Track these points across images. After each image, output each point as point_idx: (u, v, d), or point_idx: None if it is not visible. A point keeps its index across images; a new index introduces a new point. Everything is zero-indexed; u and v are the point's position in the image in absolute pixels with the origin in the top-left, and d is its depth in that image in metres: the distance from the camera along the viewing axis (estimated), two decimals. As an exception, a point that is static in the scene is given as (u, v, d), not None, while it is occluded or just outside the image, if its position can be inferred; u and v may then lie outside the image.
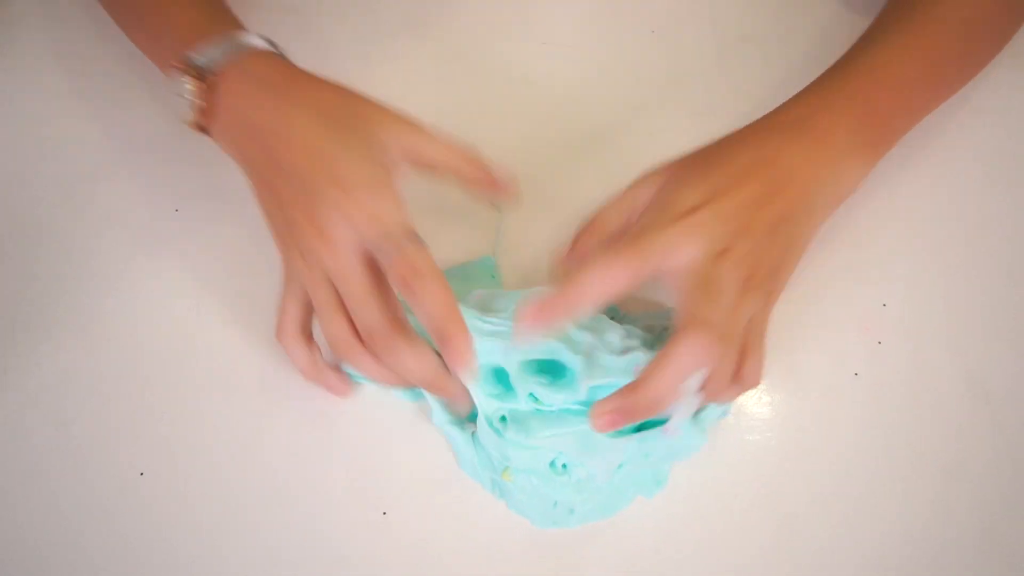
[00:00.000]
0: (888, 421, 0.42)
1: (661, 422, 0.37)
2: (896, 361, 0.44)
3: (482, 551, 0.40)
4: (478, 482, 0.41)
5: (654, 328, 0.42)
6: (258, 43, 0.41)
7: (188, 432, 0.42)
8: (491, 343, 0.38)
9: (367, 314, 0.37)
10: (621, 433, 0.38)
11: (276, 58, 0.41)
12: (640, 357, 0.38)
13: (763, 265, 0.37)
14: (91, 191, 0.49)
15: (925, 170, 0.49)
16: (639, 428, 0.38)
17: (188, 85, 0.40)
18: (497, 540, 0.40)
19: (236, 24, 0.43)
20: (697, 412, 0.39)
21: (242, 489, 0.41)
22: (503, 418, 0.39)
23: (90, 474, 0.42)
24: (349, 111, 0.39)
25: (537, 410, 0.39)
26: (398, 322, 0.37)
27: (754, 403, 0.43)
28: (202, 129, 0.42)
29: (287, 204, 0.38)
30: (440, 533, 0.40)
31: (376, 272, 0.37)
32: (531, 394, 0.38)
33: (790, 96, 0.43)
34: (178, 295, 0.46)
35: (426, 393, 0.40)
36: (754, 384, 0.39)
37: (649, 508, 0.40)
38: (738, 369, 0.38)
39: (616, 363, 0.38)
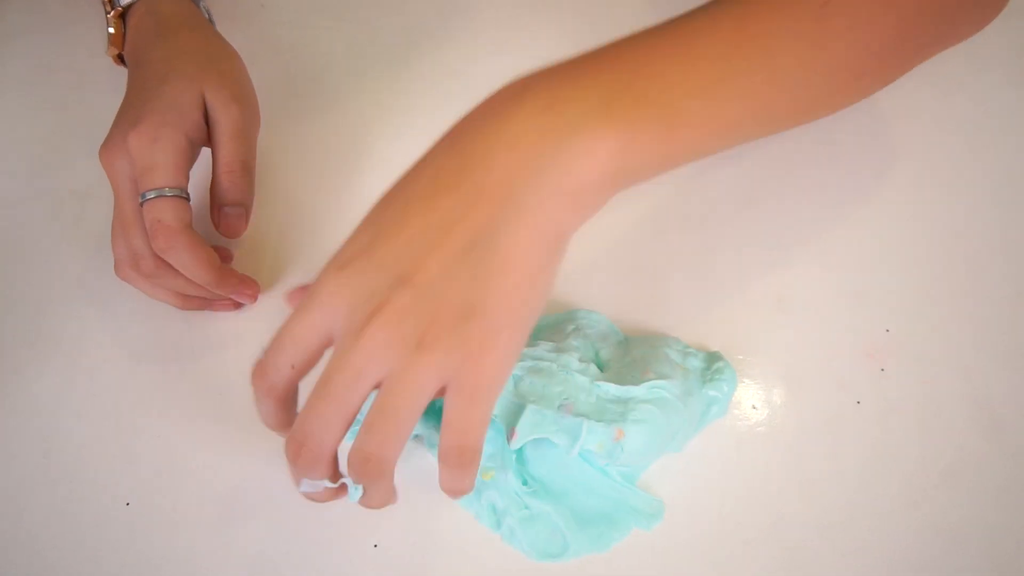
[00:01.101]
0: (892, 450, 0.41)
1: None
2: (900, 388, 0.43)
3: (475, 585, 0.39)
4: (471, 513, 0.40)
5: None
6: None
7: (176, 461, 0.42)
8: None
9: (131, 240, 0.40)
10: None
11: (186, 3, 0.46)
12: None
13: (441, 314, 0.29)
14: (80, 209, 0.49)
15: (928, 194, 0.48)
16: None
17: (107, 14, 0.45)
18: (491, 573, 0.39)
19: None
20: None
21: (231, 519, 0.40)
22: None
23: (77, 503, 0.41)
24: (199, 66, 0.43)
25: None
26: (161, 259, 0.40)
27: (755, 432, 0.42)
28: (119, 59, 0.48)
29: (114, 123, 0.42)
30: (432, 566, 0.39)
31: None
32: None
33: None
34: (168, 318, 0.45)
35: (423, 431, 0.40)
36: (452, 459, 0.31)
37: (646, 541, 0.40)
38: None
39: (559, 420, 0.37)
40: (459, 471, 0.31)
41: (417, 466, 0.41)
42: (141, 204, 0.40)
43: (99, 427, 0.43)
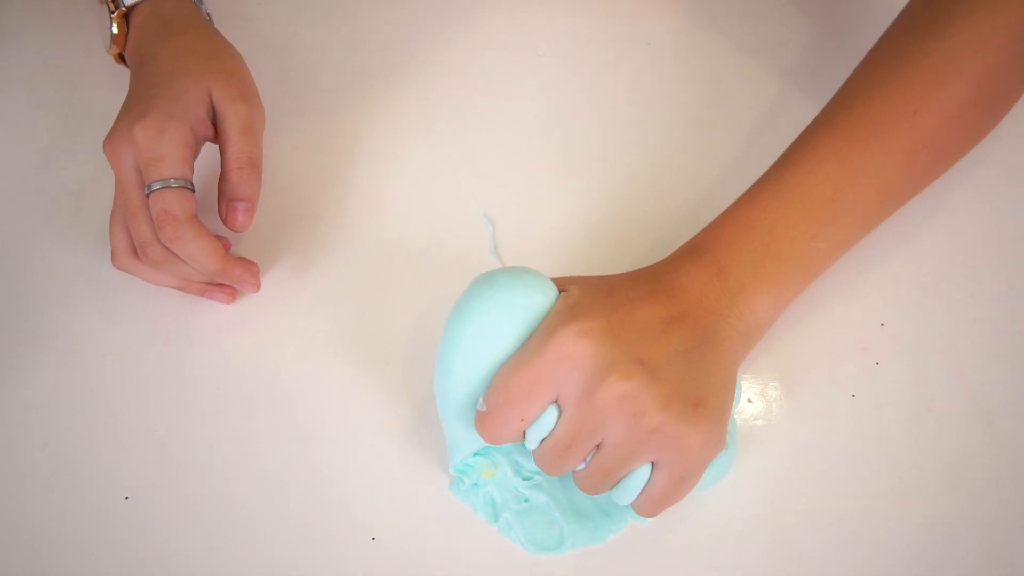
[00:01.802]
0: (887, 442, 0.42)
1: None
2: (894, 381, 0.43)
3: (473, 578, 0.39)
4: (469, 505, 0.40)
5: None
6: None
7: (174, 456, 0.42)
8: None
9: (137, 227, 0.41)
10: None
11: (188, 4, 0.47)
12: None
13: (676, 396, 0.34)
14: (76, 206, 0.49)
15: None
16: None
17: (111, 14, 0.46)
18: (488, 567, 0.39)
19: None
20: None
21: (229, 514, 0.41)
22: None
23: (76, 496, 0.41)
24: (205, 65, 0.44)
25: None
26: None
27: (750, 426, 0.42)
28: (120, 58, 0.48)
29: (119, 116, 0.43)
30: (430, 559, 0.40)
31: None
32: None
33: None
34: (166, 313, 0.45)
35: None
36: (642, 514, 0.36)
37: (642, 533, 0.40)
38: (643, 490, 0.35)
39: None
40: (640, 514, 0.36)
41: (415, 461, 0.41)
42: (147, 194, 0.40)
43: (97, 422, 0.43)
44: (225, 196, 0.43)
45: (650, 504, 0.36)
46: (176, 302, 0.46)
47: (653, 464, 0.35)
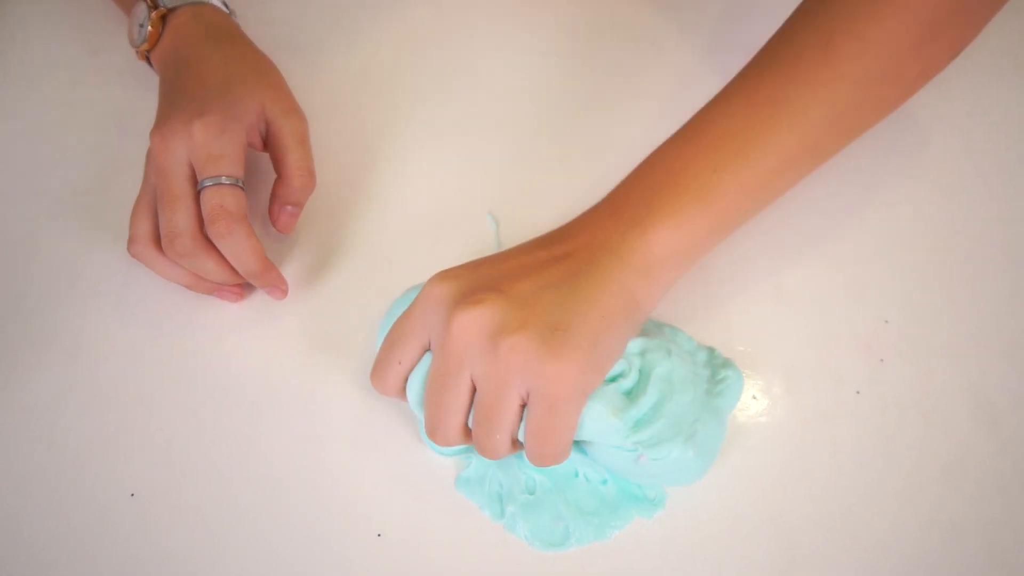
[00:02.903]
0: (890, 440, 0.42)
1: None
2: (898, 379, 0.43)
3: (478, 574, 0.39)
4: (474, 502, 0.40)
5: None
6: (216, 1, 0.49)
7: (179, 453, 0.42)
8: None
9: (169, 214, 0.41)
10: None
11: (226, 15, 0.49)
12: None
13: (533, 317, 0.34)
14: (82, 205, 0.49)
15: (926, 185, 0.48)
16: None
17: (148, 13, 0.47)
18: (494, 563, 0.39)
19: None
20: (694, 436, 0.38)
21: (234, 510, 0.41)
22: None
23: (82, 494, 0.41)
24: (256, 77, 0.46)
25: None
26: (203, 234, 0.42)
27: (754, 422, 0.42)
28: (146, 56, 0.48)
29: (162, 110, 0.44)
30: (435, 555, 0.40)
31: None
32: None
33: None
34: (169, 312, 0.46)
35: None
36: (536, 461, 0.35)
37: (647, 530, 0.40)
38: (527, 448, 0.35)
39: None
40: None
41: (420, 457, 0.41)
42: (200, 189, 0.41)
43: (101, 420, 0.43)
44: (280, 200, 0.45)
45: (532, 441, 0.35)
46: (180, 301, 0.46)
47: (527, 398, 0.34)
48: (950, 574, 0.39)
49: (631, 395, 0.37)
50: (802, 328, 0.44)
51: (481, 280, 0.36)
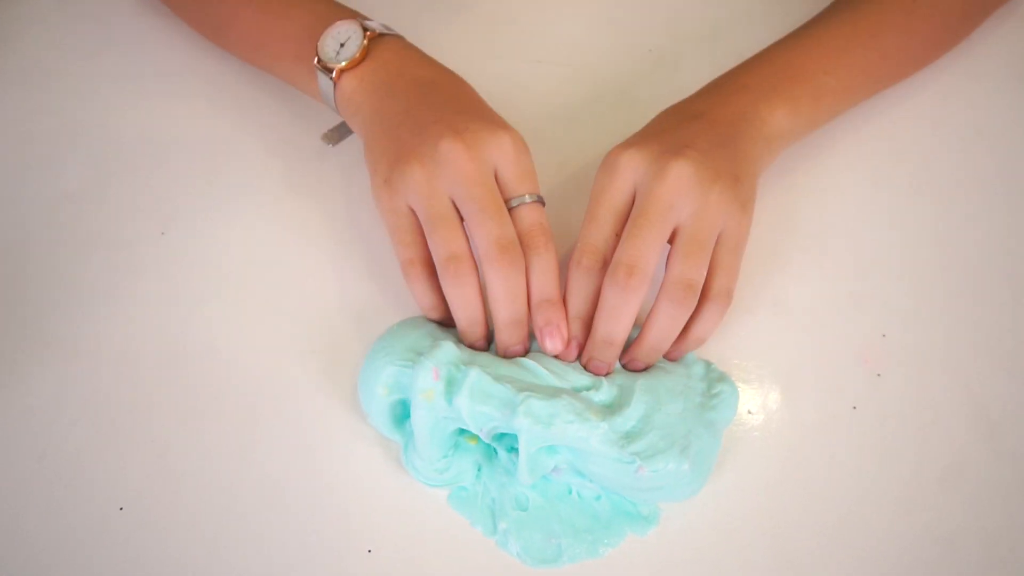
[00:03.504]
0: (888, 454, 0.41)
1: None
2: (896, 393, 0.43)
3: (470, 590, 0.39)
4: (466, 518, 0.40)
5: None
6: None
7: (170, 467, 0.42)
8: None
9: (497, 224, 0.39)
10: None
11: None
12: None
13: (723, 169, 0.39)
14: (77, 212, 0.49)
15: (925, 198, 0.48)
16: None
17: (359, 36, 0.44)
18: (485, 579, 0.39)
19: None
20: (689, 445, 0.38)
21: (225, 523, 0.40)
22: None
23: (72, 505, 0.41)
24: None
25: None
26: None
27: (750, 437, 0.42)
28: (336, 77, 0.44)
29: (426, 119, 0.41)
30: (426, 571, 0.39)
31: None
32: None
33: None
34: (163, 321, 0.45)
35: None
36: (724, 300, 0.40)
37: (640, 547, 0.40)
38: (708, 280, 0.40)
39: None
40: (720, 310, 0.41)
41: (410, 475, 0.41)
42: (518, 205, 0.40)
43: (94, 431, 0.42)
44: None
45: (723, 276, 0.40)
46: (175, 310, 0.45)
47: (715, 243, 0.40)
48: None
49: (612, 407, 0.38)
50: (799, 342, 0.44)
51: (667, 143, 0.40)
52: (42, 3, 0.56)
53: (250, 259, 0.47)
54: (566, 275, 0.41)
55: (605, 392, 0.38)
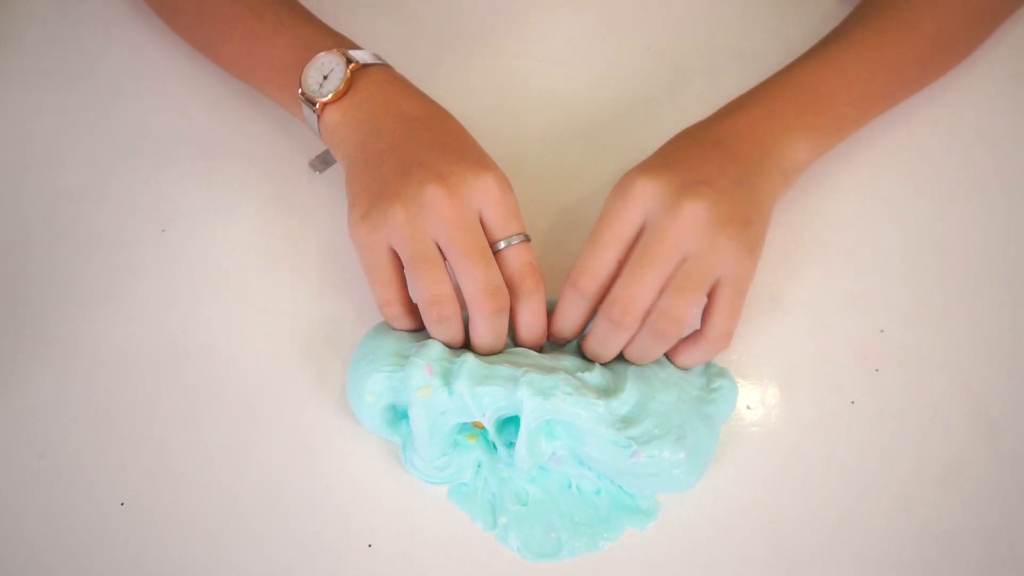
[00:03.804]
0: (886, 450, 0.42)
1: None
2: (894, 388, 0.43)
3: (469, 585, 0.39)
4: (466, 513, 0.40)
5: None
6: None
7: (171, 463, 0.42)
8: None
9: (483, 271, 0.39)
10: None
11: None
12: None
13: (736, 211, 0.39)
14: (76, 211, 0.49)
15: (922, 196, 0.48)
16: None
17: (341, 68, 0.43)
18: (485, 574, 0.39)
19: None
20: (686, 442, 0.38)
21: (225, 522, 0.40)
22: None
23: (72, 502, 0.41)
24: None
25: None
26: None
27: (749, 432, 0.42)
28: (320, 109, 0.44)
29: (410, 160, 0.40)
30: (426, 566, 0.39)
31: None
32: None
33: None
34: (164, 320, 0.45)
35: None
36: (721, 342, 0.40)
37: (639, 541, 0.40)
38: (705, 320, 0.40)
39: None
40: (715, 350, 0.40)
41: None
42: (506, 247, 0.40)
43: (94, 428, 0.43)
44: None
45: (723, 320, 0.39)
46: (174, 308, 0.46)
47: (716, 284, 0.39)
48: (949, 582, 0.39)
49: (607, 391, 0.38)
50: (797, 338, 0.44)
51: (684, 176, 0.39)
52: (42, 3, 0.56)
53: (250, 258, 0.47)
54: (559, 292, 0.41)
55: (598, 374, 0.39)
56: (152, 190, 0.49)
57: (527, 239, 0.40)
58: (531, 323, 0.41)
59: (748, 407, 0.43)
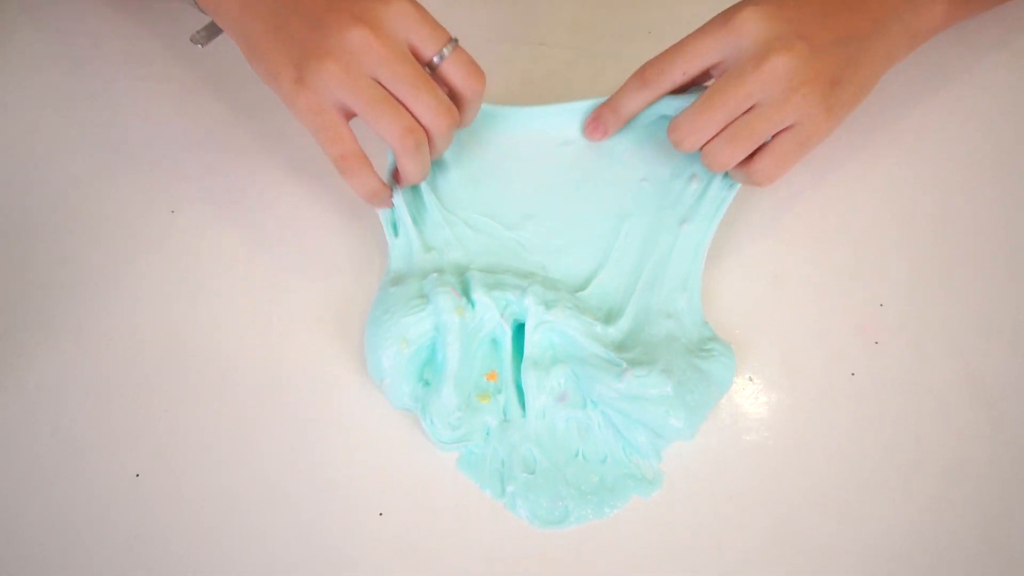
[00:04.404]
0: (886, 421, 0.42)
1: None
2: (894, 361, 0.44)
3: (479, 552, 0.40)
4: (475, 482, 0.41)
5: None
6: None
7: (184, 434, 0.42)
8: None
9: (432, 94, 0.39)
10: None
11: None
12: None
13: (826, 71, 0.39)
14: (85, 194, 0.49)
15: (923, 169, 0.49)
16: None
17: None
18: (494, 541, 0.40)
19: None
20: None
21: (238, 491, 0.41)
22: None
23: (86, 476, 0.41)
24: None
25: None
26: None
27: (751, 403, 0.43)
28: None
29: (316, 10, 0.39)
30: (437, 534, 0.40)
31: None
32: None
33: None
34: (173, 298, 0.46)
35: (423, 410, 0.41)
36: (757, 178, 0.41)
37: (644, 508, 0.40)
38: (752, 155, 0.41)
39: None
40: (748, 181, 0.42)
41: (422, 437, 0.42)
42: (442, 60, 0.40)
43: (105, 405, 0.43)
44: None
45: (773, 161, 0.41)
46: (182, 287, 0.46)
47: (783, 129, 0.40)
48: (947, 552, 0.40)
49: (608, 321, 0.42)
50: (798, 311, 0.45)
51: (788, 25, 0.39)
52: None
53: (258, 236, 0.48)
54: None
55: (596, 298, 0.44)
56: (162, 173, 0.49)
57: (456, 41, 0.40)
58: (476, 108, 0.42)
59: (750, 379, 0.43)
